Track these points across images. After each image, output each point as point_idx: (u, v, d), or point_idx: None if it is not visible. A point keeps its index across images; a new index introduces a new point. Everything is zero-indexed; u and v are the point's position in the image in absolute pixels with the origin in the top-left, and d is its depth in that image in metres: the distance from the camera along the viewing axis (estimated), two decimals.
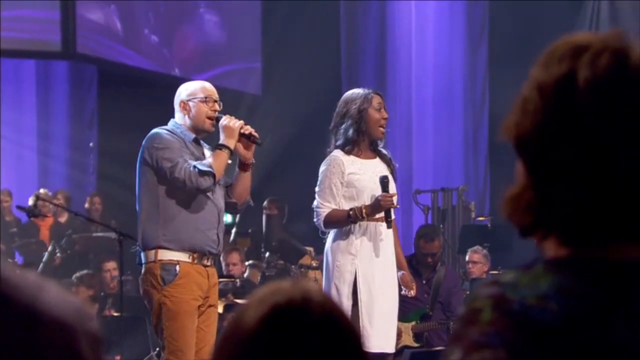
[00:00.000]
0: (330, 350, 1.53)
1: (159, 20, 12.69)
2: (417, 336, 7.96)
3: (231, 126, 5.61)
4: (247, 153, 5.72)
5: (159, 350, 6.61)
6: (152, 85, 11.66)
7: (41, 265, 10.45)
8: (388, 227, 5.96)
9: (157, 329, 5.57)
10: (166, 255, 5.53)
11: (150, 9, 12.68)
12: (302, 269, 9.65)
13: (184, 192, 5.53)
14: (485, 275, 9.13)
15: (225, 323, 1.64)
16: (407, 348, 7.79)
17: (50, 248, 10.73)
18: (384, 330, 5.92)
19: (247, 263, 10.07)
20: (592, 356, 1.36)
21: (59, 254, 10.76)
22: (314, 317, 1.53)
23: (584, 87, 1.41)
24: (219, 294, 6.74)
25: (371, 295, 5.88)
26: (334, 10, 13.52)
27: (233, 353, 1.53)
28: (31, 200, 9.61)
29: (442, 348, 7.68)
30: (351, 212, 5.86)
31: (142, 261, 5.61)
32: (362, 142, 5.99)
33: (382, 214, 5.93)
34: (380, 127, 5.99)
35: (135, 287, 5.76)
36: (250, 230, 11.25)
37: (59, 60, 12.95)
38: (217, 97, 5.72)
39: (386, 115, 6.03)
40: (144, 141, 5.62)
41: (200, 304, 5.59)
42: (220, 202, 5.72)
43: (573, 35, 1.46)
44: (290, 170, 12.13)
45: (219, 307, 7.04)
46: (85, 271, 9.90)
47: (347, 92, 6.16)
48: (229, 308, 8.27)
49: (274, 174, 12.09)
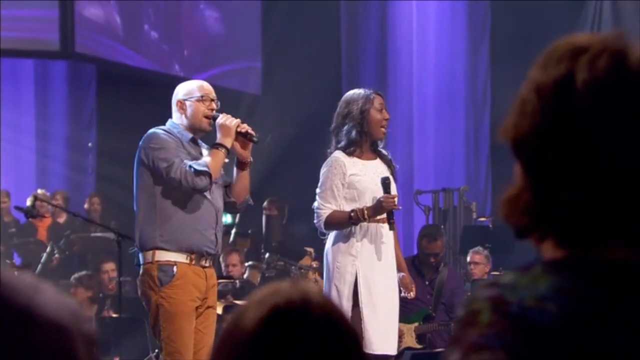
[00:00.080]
0: (330, 352, 1.52)
1: (159, 16, 12.67)
2: (420, 337, 7.95)
3: (227, 125, 5.59)
4: (244, 152, 5.70)
5: (158, 351, 6.58)
6: (152, 85, 11.62)
7: (39, 266, 10.44)
8: (391, 228, 5.95)
9: (155, 330, 5.56)
10: (163, 256, 5.52)
11: (151, 5, 12.66)
12: (302, 270, 9.63)
13: (181, 192, 5.52)
14: (486, 276, 9.13)
15: (225, 324, 1.62)
16: (409, 349, 7.76)
17: (48, 249, 10.70)
18: (385, 331, 5.90)
19: (246, 264, 10.05)
20: (592, 357, 1.36)
21: (57, 255, 10.72)
22: (314, 318, 1.53)
23: (583, 89, 1.41)
24: (219, 295, 6.73)
25: (372, 297, 5.86)
26: (334, 9, 13.52)
27: (232, 355, 1.53)
28: (29, 200, 9.58)
29: (442, 350, 7.67)
30: (352, 214, 5.84)
31: (140, 262, 5.60)
32: (364, 143, 5.98)
33: (383, 216, 5.91)
34: (382, 127, 5.97)
35: (134, 288, 5.74)
36: (250, 231, 11.24)
37: (57, 60, 12.91)
38: (214, 96, 5.71)
39: (387, 116, 6.03)
40: (141, 141, 5.62)
41: (199, 305, 5.58)
42: (219, 202, 5.69)
43: (571, 36, 1.47)
44: (290, 171, 12.12)
45: (218, 308, 7.01)
46: (83, 272, 9.89)
47: (348, 92, 6.15)
48: (229, 309, 8.25)
49: (274, 174, 12.09)
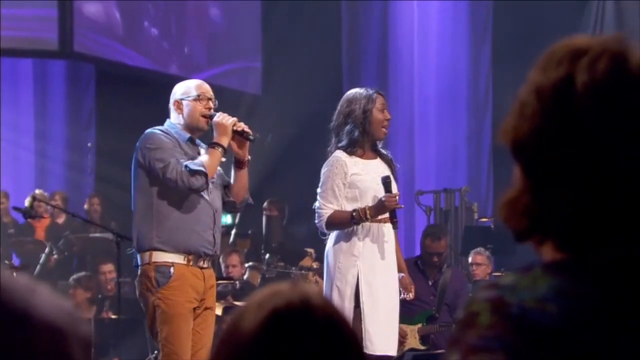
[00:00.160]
0: (331, 354, 1.51)
1: (160, 13, 12.62)
2: (423, 339, 7.93)
3: (224, 123, 5.56)
4: (241, 150, 5.67)
5: (157, 353, 6.55)
6: (151, 85, 11.58)
7: (38, 267, 10.40)
8: (394, 227, 5.94)
9: (152, 331, 5.54)
10: (160, 257, 5.49)
11: (151, 1, 12.61)
12: (303, 271, 9.59)
13: (178, 192, 5.49)
14: (488, 277, 9.10)
15: (224, 326, 1.60)
16: (412, 351, 7.72)
17: (47, 250, 10.66)
18: (386, 332, 5.88)
19: (246, 265, 10.01)
20: (592, 358, 1.36)
21: (55, 256, 10.68)
22: (315, 321, 1.52)
23: (583, 91, 1.41)
24: (218, 296, 6.69)
25: (373, 297, 5.83)
26: (334, 9, 13.49)
27: (231, 357, 1.52)
28: (27, 201, 9.54)
29: (443, 351, 7.66)
30: (355, 214, 5.82)
31: (138, 263, 5.58)
32: (365, 142, 5.96)
33: (385, 215, 5.89)
34: (383, 127, 5.97)
35: (133, 289, 5.72)
36: (250, 232, 11.22)
37: (56, 60, 12.87)
38: (212, 94, 5.69)
39: (389, 116, 6.02)
40: (138, 142, 5.60)
41: (196, 307, 5.54)
42: (217, 203, 5.66)
43: (571, 38, 1.47)
44: (290, 171, 12.11)
45: (218, 310, 6.97)
46: (82, 273, 9.88)
47: (350, 91, 6.13)
48: (228, 310, 8.22)
49: (274, 174, 12.07)
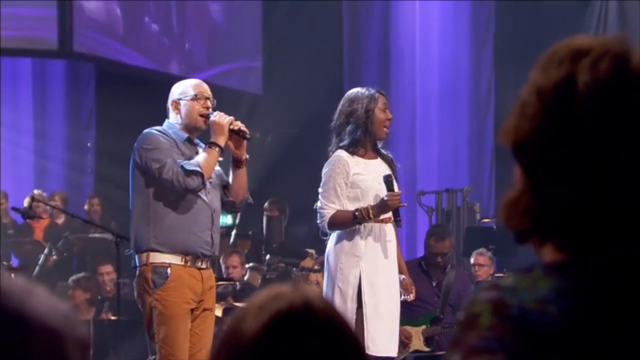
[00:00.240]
0: (333, 358, 1.51)
1: (160, 12, 12.58)
2: (428, 340, 7.90)
3: (220, 122, 5.54)
4: (238, 149, 5.64)
5: (154, 357, 6.51)
6: (151, 84, 11.53)
7: (37, 268, 10.36)
8: (398, 226, 5.92)
9: (150, 333, 5.52)
10: (157, 258, 5.47)
11: (152, 0, 12.58)
12: (304, 272, 9.54)
13: (174, 193, 5.47)
14: (491, 278, 9.09)
15: (224, 327, 1.57)
16: (417, 353, 7.70)
17: (46, 250, 10.63)
18: (388, 333, 5.86)
19: (247, 266, 9.97)
20: (592, 359, 1.36)
21: (55, 256, 10.64)
22: (317, 324, 1.51)
23: (584, 91, 1.41)
24: (218, 297, 6.66)
25: (375, 298, 5.81)
26: (335, 9, 13.47)
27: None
28: (26, 201, 9.51)
29: (443, 353, 7.65)
30: (357, 213, 5.79)
31: (136, 264, 5.56)
32: (367, 142, 5.94)
33: (387, 215, 5.86)
34: (385, 127, 5.95)
35: (133, 290, 5.70)
36: (250, 232, 11.19)
37: (55, 59, 12.83)
38: (210, 94, 5.66)
39: (391, 116, 6.01)
40: (136, 142, 5.58)
41: (195, 308, 5.51)
42: (215, 203, 5.63)
43: (572, 38, 1.46)
44: (291, 171, 12.08)
45: (218, 311, 6.92)
46: (82, 274, 9.85)
47: (351, 90, 6.12)
48: (229, 311, 8.17)
49: (274, 174, 12.05)
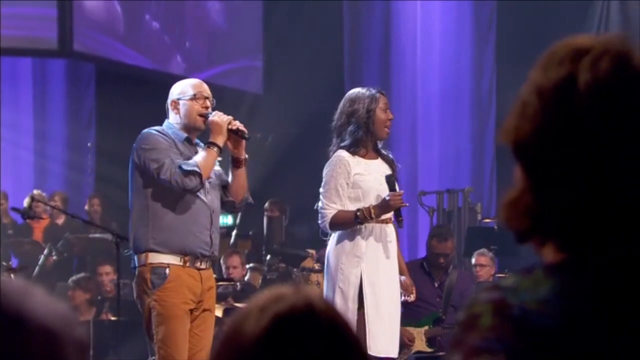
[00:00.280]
0: (334, 359, 1.50)
1: (161, 7, 12.55)
2: (430, 341, 7.88)
3: (219, 122, 5.52)
4: (237, 149, 5.62)
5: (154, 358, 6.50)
6: (152, 84, 11.50)
7: (37, 268, 10.33)
8: (400, 226, 5.92)
9: (149, 334, 5.50)
10: (156, 258, 5.45)
11: (152, 0, 12.56)
12: (304, 272, 9.52)
13: (173, 193, 5.45)
14: (492, 279, 9.08)
15: (225, 328, 1.56)
16: (419, 353, 7.68)
17: (46, 251, 10.61)
18: (389, 333, 5.85)
19: (247, 266, 9.95)
20: (592, 359, 1.36)
21: (54, 257, 10.61)
22: (318, 325, 1.51)
23: (585, 91, 1.41)
24: (219, 298, 6.64)
25: (377, 298, 5.80)
26: (336, 9, 13.45)
27: None
28: (26, 201, 9.50)
29: (443, 354, 7.65)
30: (359, 213, 5.77)
31: (135, 265, 5.54)
32: (368, 142, 5.93)
33: (388, 215, 5.85)
34: (386, 127, 5.95)
35: (133, 290, 5.70)
36: (251, 233, 11.18)
37: (55, 59, 12.81)
38: (209, 93, 5.64)
39: (391, 116, 6.01)
40: (135, 142, 5.56)
41: (194, 308, 5.49)
42: (214, 203, 5.61)
43: (572, 37, 1.46)
44: (291, 171, 12.07)
45: (218, 311, 6.90)
46: (82, 274, 9.83)
47: (352, 90, 6.10)
48: (229, 312, 8.15)
49: (275, 175, 12.03)
